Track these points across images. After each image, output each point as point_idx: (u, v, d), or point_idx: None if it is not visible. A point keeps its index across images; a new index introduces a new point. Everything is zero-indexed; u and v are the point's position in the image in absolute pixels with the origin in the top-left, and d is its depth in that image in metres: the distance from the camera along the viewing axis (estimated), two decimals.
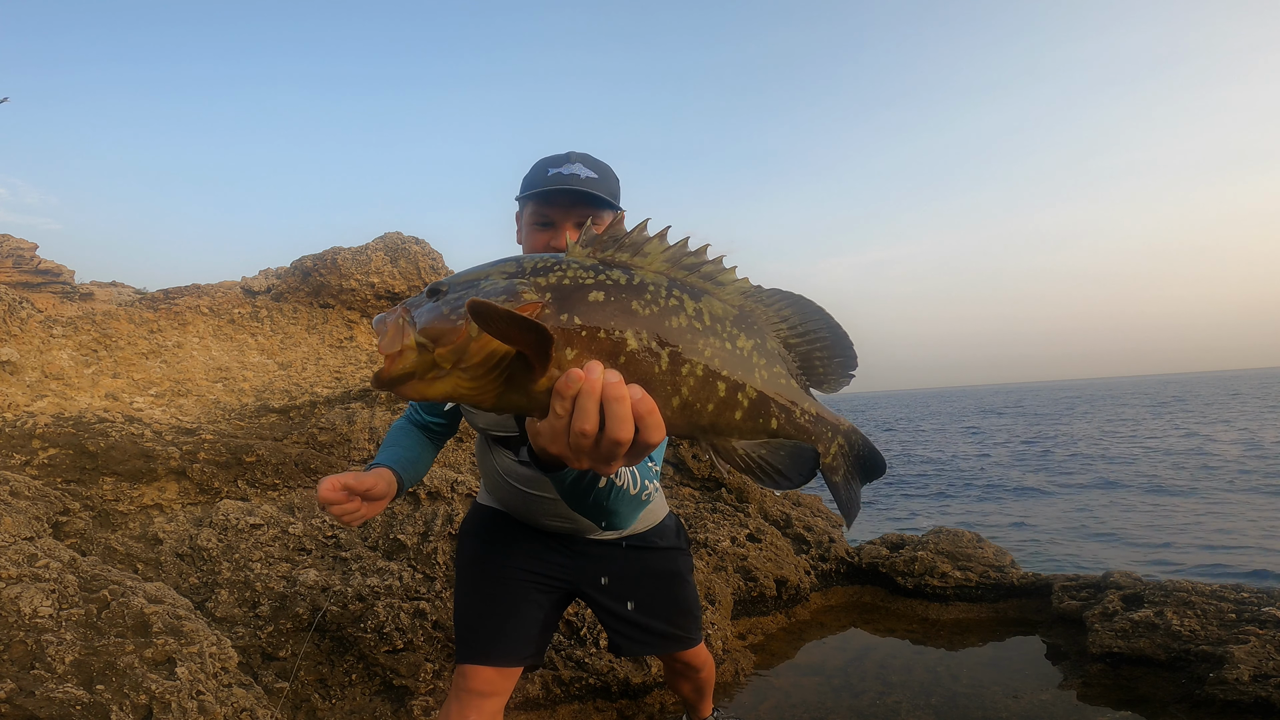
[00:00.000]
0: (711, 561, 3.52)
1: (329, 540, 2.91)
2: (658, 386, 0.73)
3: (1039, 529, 8.65)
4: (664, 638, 1.74)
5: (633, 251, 0.77)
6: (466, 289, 0.73)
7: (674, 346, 0.73)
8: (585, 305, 0.72)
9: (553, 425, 0.71)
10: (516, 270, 0.74)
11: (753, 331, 0.79)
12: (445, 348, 0.70)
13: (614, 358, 0.72)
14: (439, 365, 0.70)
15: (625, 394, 0.68)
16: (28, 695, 1.47)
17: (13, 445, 3.06)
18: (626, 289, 0.73)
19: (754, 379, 0.77)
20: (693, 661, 1.89)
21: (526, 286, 0.72)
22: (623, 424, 0.68)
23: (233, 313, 5.12)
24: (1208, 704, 2.32)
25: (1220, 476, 12.22)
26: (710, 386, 0.75)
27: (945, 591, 3.55)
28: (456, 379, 0.71)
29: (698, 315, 0.75)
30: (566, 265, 0.74)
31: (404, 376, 0.71)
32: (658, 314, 0.73)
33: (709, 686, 2.06)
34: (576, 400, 0.68)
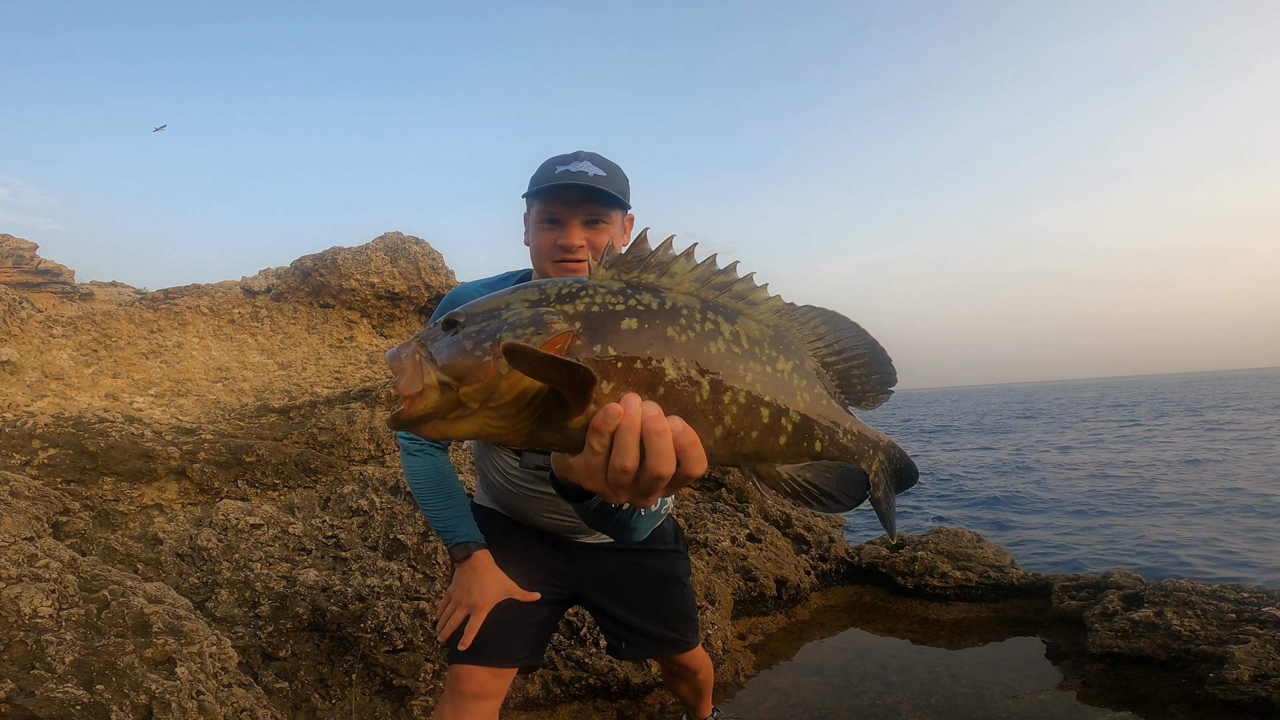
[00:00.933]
0: (711, 561, 3.52)
1: (329, 540, 2.91)
2: (699, 417, 0.70)
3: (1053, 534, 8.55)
4: (661, 641, 1.75)
5: (659, 272, 0.73)
6: (487, 320, 0.69)
7: (714, 374, 0.70)
8: (619, 334, 0.68)
9: (589, 462, 0.67)
10: (540, 298, 0.70)
11: (790, 352, 0.76)
12: (472, 386, 0.65)
13: (652, 389, 0.68)
14: (464, 405, 0.66)
15: (667, 427, 0.65)
16: (28, 695, 1.47)
17: (13, 445, 3.06)
18: (660, 314, 0.70)
19: (796, 402, 0.75)
20: (690, 664, 1.90)
21: (555, 316, 0.68)
22: (665, 459, 0.65)
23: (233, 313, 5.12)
24: (1208, 704, 2.32)
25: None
26: (753, 413, 0.72)
27: (945, 591, 3.55)
28: (484, 418, 0.67)
29: (735, 339, 0.72)
30: (594, 290, 0.70)
31: (425, 417, 0.67)
32: (695, 340, 0.70)
33: (707, 688, 2.06)
34: (615, 436, 0.65)
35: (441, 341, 0.69)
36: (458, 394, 0.66)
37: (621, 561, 1.71)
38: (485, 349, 0.66)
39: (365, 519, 3.15)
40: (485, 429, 0.67)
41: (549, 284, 0.72)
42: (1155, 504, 9.05)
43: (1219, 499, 9.09)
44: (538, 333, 0.66)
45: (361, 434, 3.80)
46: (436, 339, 0.69)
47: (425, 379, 0.67)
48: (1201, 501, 9.02)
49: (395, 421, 0.68)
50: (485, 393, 0.65)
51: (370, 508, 3.20)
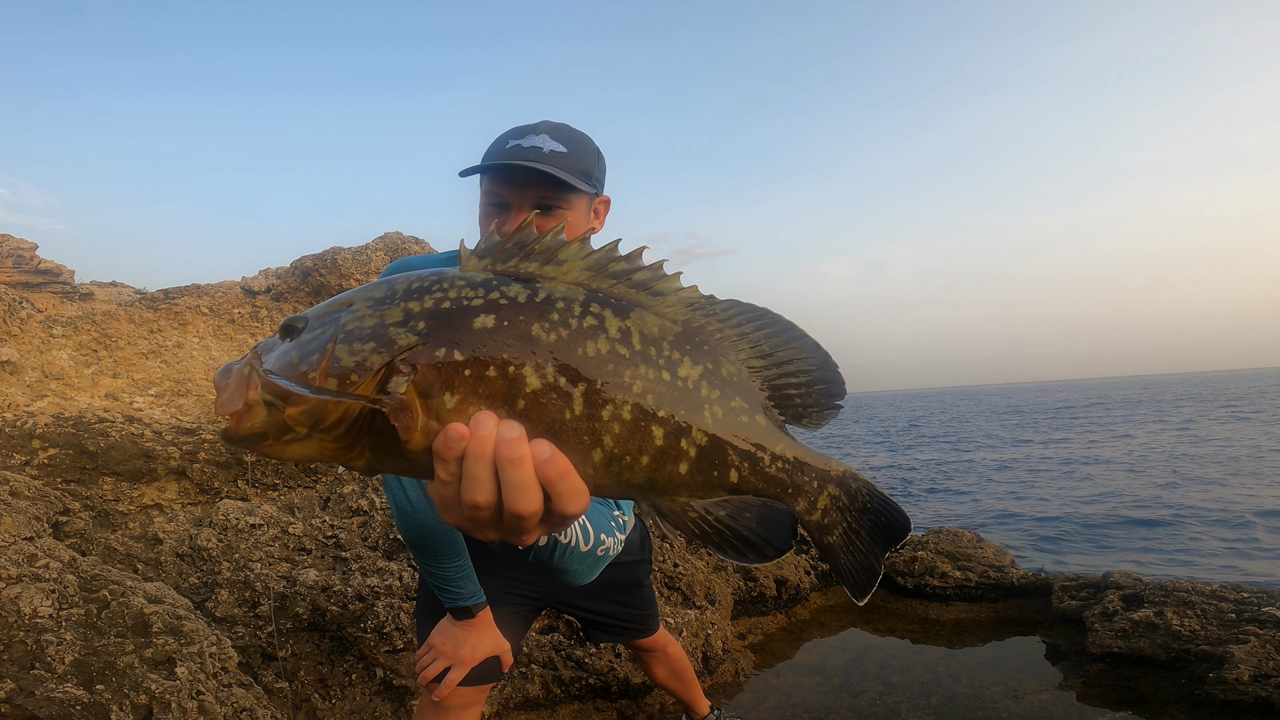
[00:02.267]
0: (711, 561, 3.52)
1: (329, 540, 2.91)
2: (571, 437, 0.56)
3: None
4: (622, 631, 1.87)
5: (544, 260, 0.60)
6: (323, 326, 0.58)
7: (590, 381, 0.57)
8: (469, 334, 0.56)
9: (440, 493, 0.56)
10: (386, 295, 0.59)
11: (701, 354, 0.61)
12: (296, 408, 0.55)
13: (510, 403, 0.56)
14: (292, 428, 0.56)
15: (525, 454, 0.53)
16: (28, 695, 1.47)
17: (13, 445, 3.06)
18: (525, 308, 0.57)
19: (703, 419, 0.60)
20: (654, 645, 1.99)
21: (400, 328, 0.56)
22: (525, 493, 0.53)
23: (233, 313, 5.12)
24: (1208, 704, 2.32)
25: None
26: (642, 433, 0.58)
27: (945, 591, 3.55)
28: (320, 442, 0.57)
29: (623, 337, 0.58)
30: (449, 284, 0.59)
31: (254, 437, 0.56)
32: (568, 339, 0.57)
33: (686, 670, 2.13)
34: (463, 465, 0.53)
35: (275, 352, 0.58)
36: (283, 416, 0.55)
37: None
38: (312, 363, 0.56)
39: (365, 519, 3.15)
40: (324, 453, 0.57)
41: (401, 279, 0.61)
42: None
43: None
44: (379, 349, 0.56)
45: None
46: (271, 349, 0.59)
47: (250, 395, 0.56)
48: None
49: (224, 435, 0.58)
50: (311, 416, 0.55)
51: (370, 508, 3.20)
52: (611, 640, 1.91)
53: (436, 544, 1.38)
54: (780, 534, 0.63)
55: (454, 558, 1.41)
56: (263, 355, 0.59)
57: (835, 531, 0.67)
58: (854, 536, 0.68)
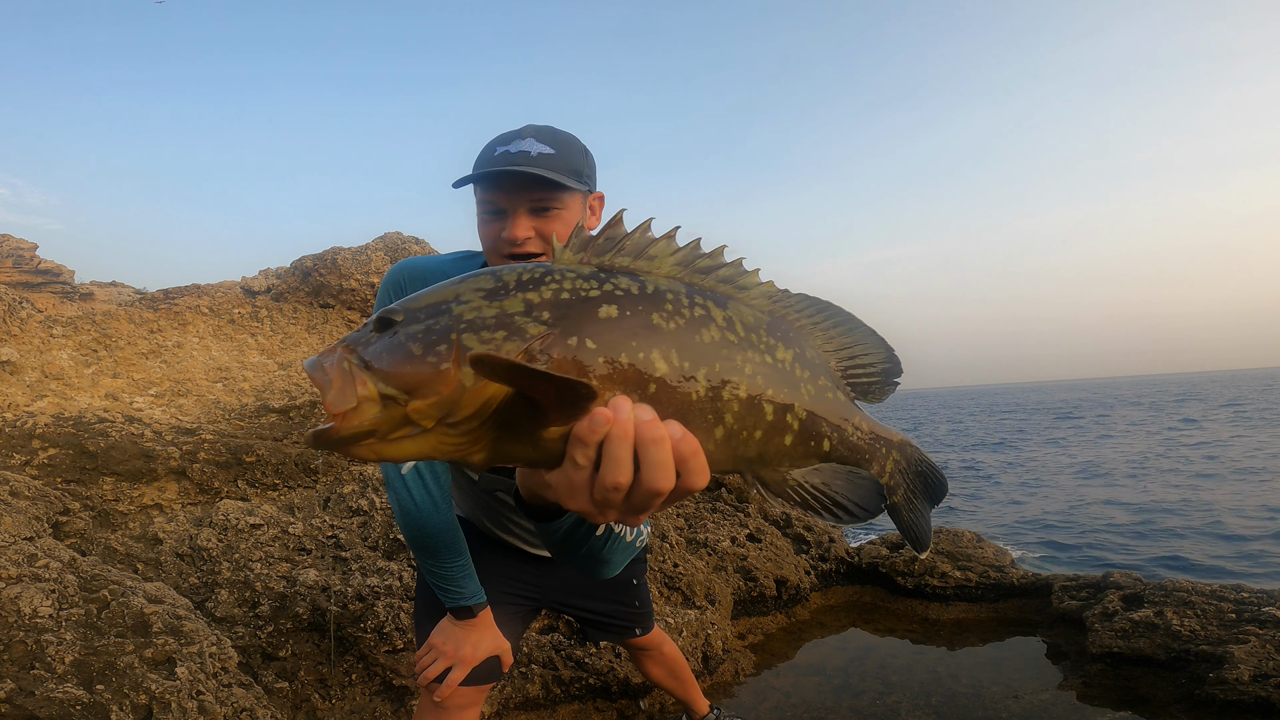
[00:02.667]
0: (711, 561, 3.52)
1: (329, 540, 2.91)
2: (696, 418, 0.60)
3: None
4: (619, 630, 1.88)
5: (634, 255, 0.63)
6: (433, 316, 0.58)
7: (709, 365, 0.61)
8: (597, 324, 0.57)
9: (571, 478, 0.57)
10: (497, 286, 0.59)
11: (790, 340, 0.67)
12: (425, 400, 0.54)
13: (641, 387, 0.58)
14: (414, 422, 0.54)
15: (665, 434, 0.55)
16: (28, 695, 1.47)
17: (13, 445, 3.06)
18: (641, 299, 0.60)
19: (801, 395, 0.66)
20: (649, 644, 2.00)
21: (525, 312, 0.57)
22: (663, 471, 0.55)
23: (233, 313, 5.12)
24: (1208, 704, 2.32)
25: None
26: (756, 410, 0.63)
27: (945, 591, 3.55)
28: (439, 437, 0.55)
29: (729, 325, 0.63)
30: (561, 275, 0.60)
31: (359, 436, 0.54)
32: (685, 327, 0.60)
33: (682, 669, 2.13)
34: (605, 447, 0.55)
35: (378, 345, 0.57)
36: (405, 410, 0.54)
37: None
38: (440, 354, 0.55)
39: (365, 519, 3.15)
40: (439, 448, 0.56)
41: (506, 270, 0.61)
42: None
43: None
44: (510, 337, 0.56)
45: None
46: (369, 342, 0.57)
47: (360, 390, 0.54)
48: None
49: (319, 441, 0.54)
50: (443, 407, 0.54)
51: (370, 508, 3.20)
52: (609, 639, 1.93)
53: (439, 543, 1.38)
54: (869, 498, 0.70)
55: (456, 557, 1.41)
56: (359, 348, 0.57)
57: (899, 492, 0.74)
58: (912, 496, 0.76)
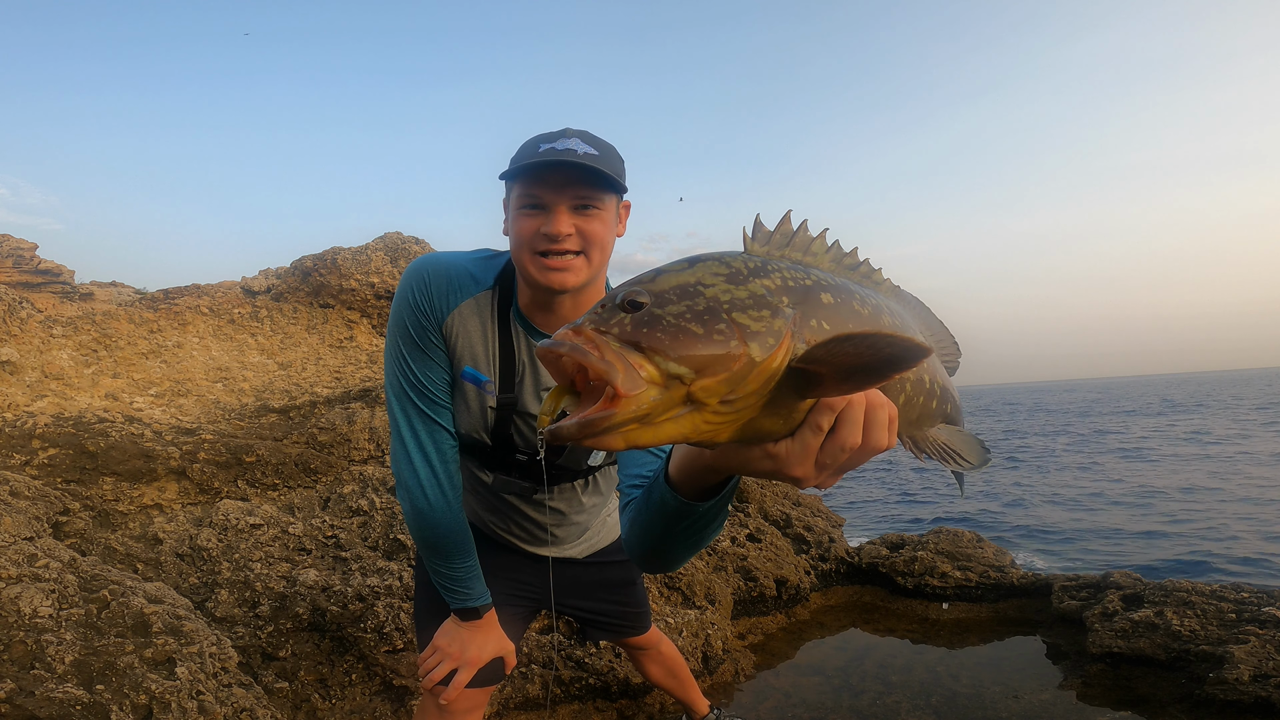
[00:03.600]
0: (711, 561, 3.52)
1: (329, 540, 2.91)
2: (891, 389, 0.70)
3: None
4: (618, 629, 1.90)
5: (803, 250, 0.72)
6: (689, 297, 0.59)
7: None
8: (824, 309, 0.64)
9: (807, 443, 0.64)
10: (731, 272, 0.63)
11: (919, 324, 0.83)
12: (715, 377, 0.55)
13: None
14: (696, 400, 0.55)
15: (885, 401, 0.65)
16: (28, 695, 1.47)
17: (13, 445, 3.06)
18: (840, 290, 0.68)
19: (939, 371, 0.80)
20: (646, 643, 2.02)
21: (771, 296, 0.61)
22: (885, 430, 0.64)
23: (233, 313, 5.12)
24: (1208, 704, 2.32)
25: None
26: (920, 382, 0.75)
27: (945, 591, 3.55)
28: (708, 415, 0.57)
29: (893, 312, 0.75)
30: (776, 265, 0.66)
31: (631, 420, 0.54)
32: (872, 313, 0.70)
33: (681, 669, 2.14)
34: (844, 413, 0.63)
35: (642, 325, 0.57)
36: (690, 388, 0.55)
37: (587, 573, 1.76)
38: (724, 332, 0.56)
39: (365, 519, 3.15)
40: (699, 427, 0.58)
41: (730, 256, 0.65)
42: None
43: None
44: (775, 315, 0.59)
45: (361, 434, 3.80)
46: (624, 324, 0.57)
47: (642, 372, 0.54)
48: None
49: (585, 429, 0.53)
50: (731, 384, 0.56)
51: (370, 508, 3.20)
52: (607, 638, 1.94)
53: (450, 544, 1.39)
54: (979, 449, 0.81)
55: (465, 558, 1.41)
56: (614, 329, 0.57)
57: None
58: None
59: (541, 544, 1.65)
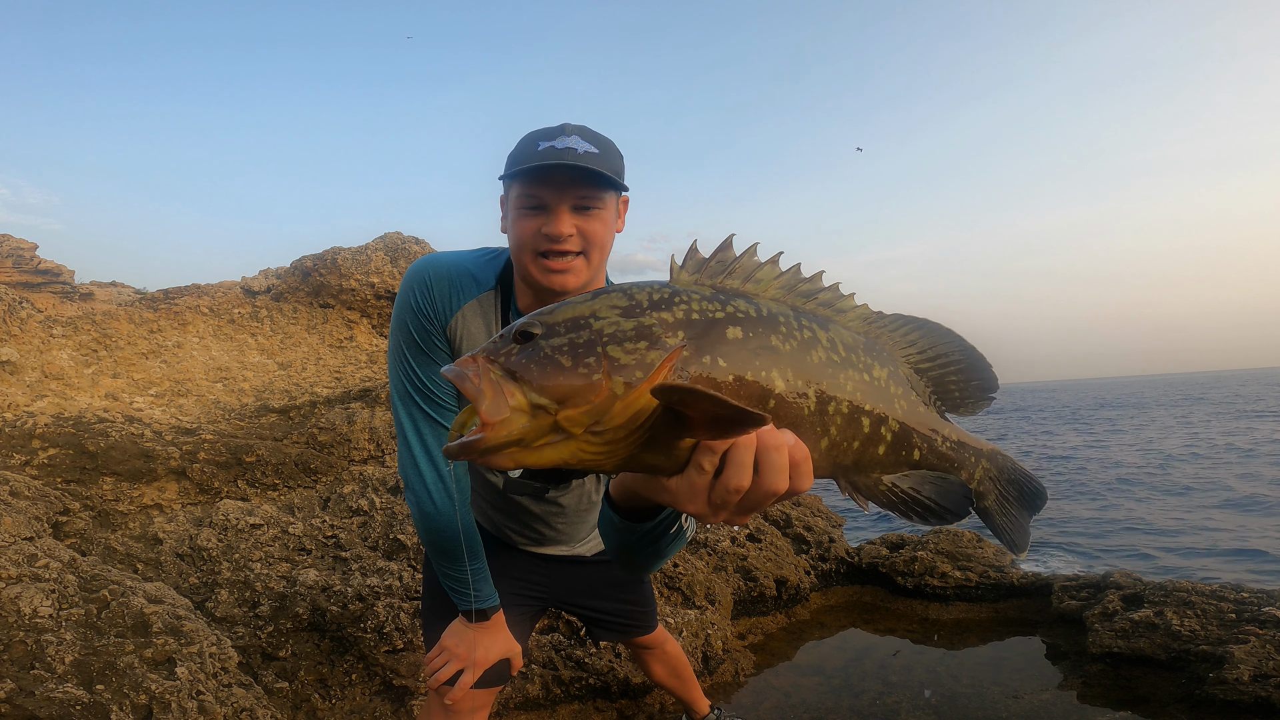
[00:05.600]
0: (711, 561, 3.52)
1: (329, 540, 2.91)
2: (807, 429, 0.66)
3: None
4: (624, 629, 1.89)
5: (744, 278, 0.69)
6: (575, 330, 0.61)
7: (818, 383, 0.67)
8: (725, 344, 0.62)
9: (694, 483, 0.62)
10: (631, 304, 0.63)
11: (884, 359, 0.73)
12: (577, 409, 0.57)
13: (763, 402, 0.64)
14: (563, 430, 0.58)
15: (784, 441, 0.61)
16: (28, 695, 1.47)
17: (13, 445, 3.06)
18: (760, 321, 0.65)
19: (895, 409, 0.72)
20: (652, 642, 2.01)
21: (660, 328, 0.61)
22: (780, 474, 0.61)
23: (233, 313, 5.12)
24: (1208, 704, 2.32)
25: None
26: (856, 423, 0.69)
27: (945, 591, 3.55)
28: (581, 444, 0.59)
29: (832, 346, 0.69)
30: (687, 296, 0.64)
31: (506, 444, 0.57)
32: (797, 349, 0.66)
33: (684, 668, 2.14)
34: (730, 454, 0.60)
35: (522, 356, 0.60)
36: (555, 418, 0.57)
37: (595, 572, 1.77)
38: (590, 365, 0.58)
39: (365, 519, 3.15)
40: (577, 455, 0.59)
41: (636, 288, 0.65)
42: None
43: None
44: (652, 348, 0.59)
45: (361, 434, 3.80)
46: (510, 354, 0.60)
47: (511, 400, 0.57)
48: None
49: (466, 451, 0.57)
50: (593, 415, 0.57)
51: (370, 508, 3.20)
52: (613, 638, 1.93)
53: (457, 547, 1.38)
54: (957, 501, 0.76)
55: (473, 560, 1.41)
56: (501, 359, 0.60)
57: (989, 498, 0.80)
58: (1005, 503, 0.81)
59: (551, 543, 1.65)
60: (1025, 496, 0.82)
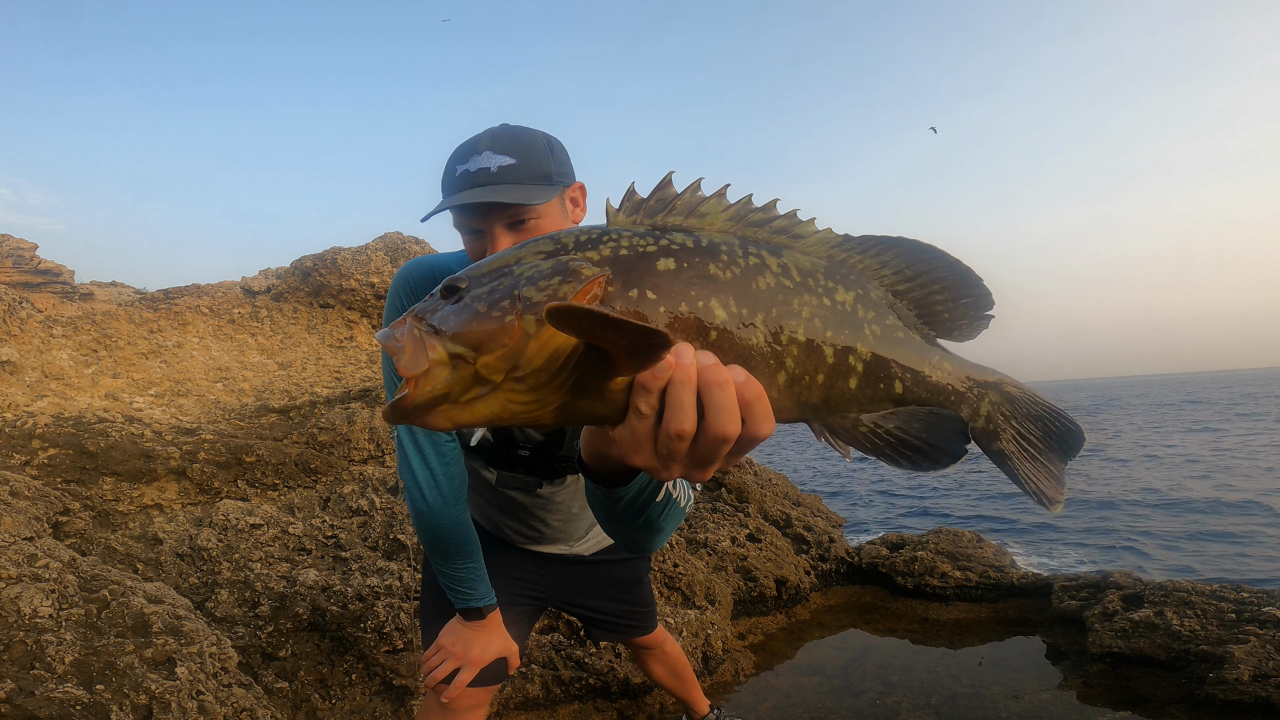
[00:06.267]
0: (711, 561, 3.52)
1: (329, 540, 2.91)
2: (759, 363, 0.60)
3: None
4: (624, 629, 1.88)
5: (687, 214, 0.63)
6: (497, 279, 0.59)
7: (767, 311, 0.60)
8: (655, 275, 0.58)
9: (635, 430, 0.57)
10: (556, 247, 0.60)
11: (850, 282, 0.65)
12: (492, 354, 0.55)
13: (703, 335, 0.58)
14: (484, 379, 0.55)
15: (727, 377, 0.55)
16: (28, 695, 1.47)
17: (13, 445, 3.06)
18: (696, 252, 0.60)
19: (864, 336, 0.64)
20: (651, 642, 1.99)
21: (580, 262, 0.58)
22: (729, 415, 0.55)
23: (233, 313, 5.12)
24: (1208, 704, 2.32)
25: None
26: (816, 353, 0.62)
27: (945, 591, 3.55)
28: (508, 395, 0.56)
29: (784, 272, 0.62)
30: (617, 234, 0.60)
31: (434, 401, 0.55)
32: (740, 276, 0.60)
33: (684, 668, 2.13)
34: (667, 394, 0.54)
35: (444, 310, 0.58)
36: (474, 367, 0.55)
37: (594, 571, 1.75)
38: (504, 308, 0.56)
39: (365, 519, 3.15)
40: (509, 407, 0.56)
41: (565, 234, 0.62)
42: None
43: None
44: (565, 281, 0.56)
45: (361, 434, 3.80)
46: (436, 309, 0.59)
47: (431, 354, 0.55)
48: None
49: (396, 412, 0.55)
50: (510, 359, 0.55)
51: (370, 508, 3.20)
52: (612, 638, 1.93)
53: (451, 544, 1.39)
54: (951, 440, 0.65)
55: (468, 558, 1.41)
56: (428, 316, 0.58)
57: (1003, 436, 0.67)
58: (1026, 443, 0.68)
59: (548, 542, 1.65)
60: (1052, 436, 0.69)
